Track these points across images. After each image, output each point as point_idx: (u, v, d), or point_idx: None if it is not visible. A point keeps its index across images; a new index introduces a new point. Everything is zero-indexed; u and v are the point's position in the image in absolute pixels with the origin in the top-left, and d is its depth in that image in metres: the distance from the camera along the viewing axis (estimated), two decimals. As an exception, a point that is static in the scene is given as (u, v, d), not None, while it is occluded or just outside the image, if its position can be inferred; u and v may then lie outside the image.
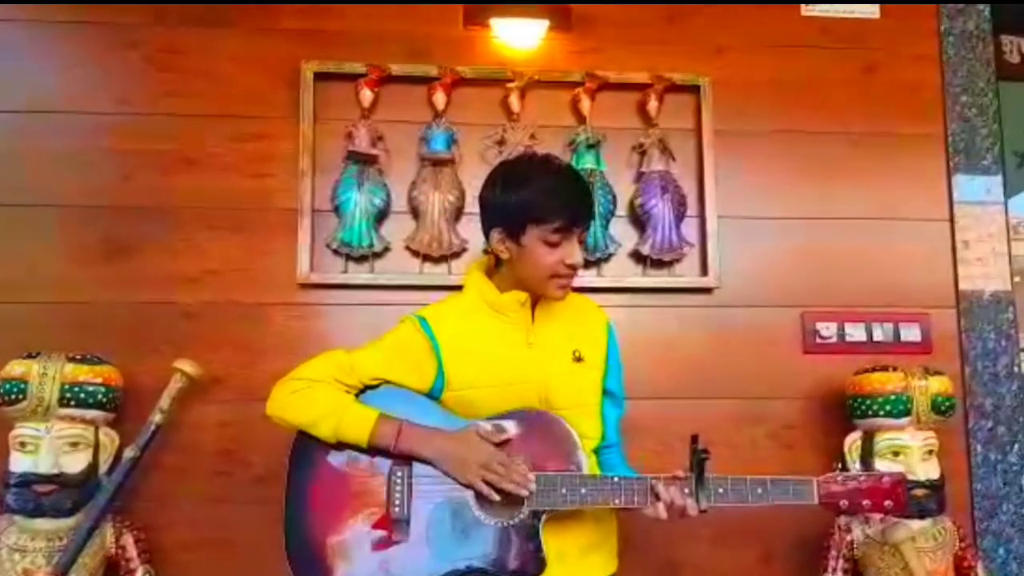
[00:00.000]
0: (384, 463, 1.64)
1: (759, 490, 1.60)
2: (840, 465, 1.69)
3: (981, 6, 2.65)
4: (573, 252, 1.66)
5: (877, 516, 2.10)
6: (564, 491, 1.58)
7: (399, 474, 1.63)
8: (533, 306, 1.75)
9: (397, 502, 1.61)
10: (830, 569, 2.19)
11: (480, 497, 1.60)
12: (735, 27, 2.57)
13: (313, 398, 1.65)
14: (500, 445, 1.62)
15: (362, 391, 1.71)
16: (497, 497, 1.58)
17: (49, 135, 2.34)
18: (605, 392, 1.81)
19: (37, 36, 2.39)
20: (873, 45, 2.61)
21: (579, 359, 1.74)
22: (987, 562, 2.39)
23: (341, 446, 1.64)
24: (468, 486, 1.60)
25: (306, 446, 1.67)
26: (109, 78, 2.38)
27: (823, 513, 1.66)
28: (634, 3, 2.55)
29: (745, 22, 2.58)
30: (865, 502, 1.61)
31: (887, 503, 1.60)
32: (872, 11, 2.62)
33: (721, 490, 1.59)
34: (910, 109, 2.59)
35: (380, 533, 1.60)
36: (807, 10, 2.61)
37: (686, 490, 1.58)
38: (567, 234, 1.64)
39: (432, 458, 1.62)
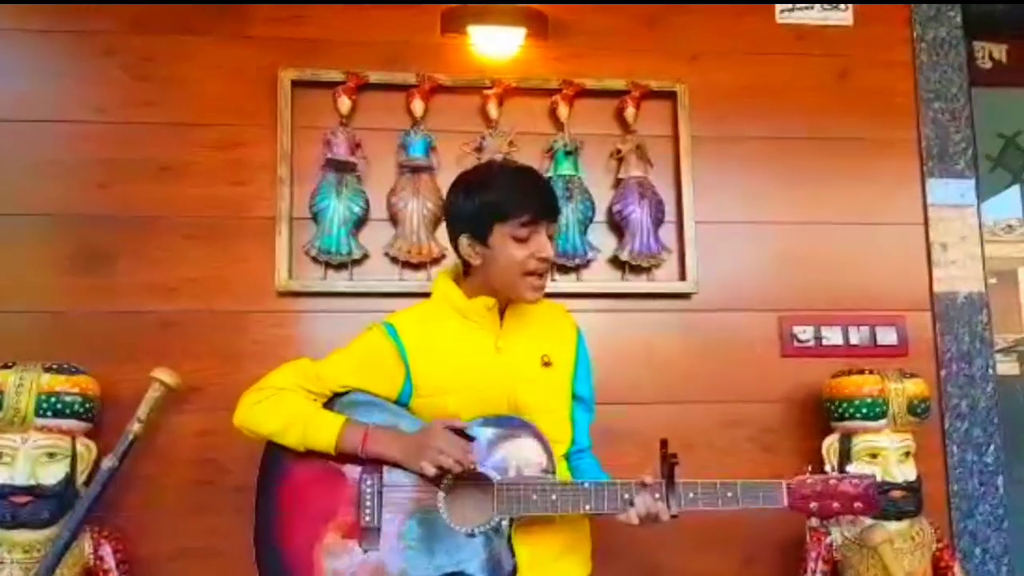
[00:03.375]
0: (354, 471, 1.64)
1: (729, 494, 1.61)
2: (810, 469, 1.70)
3: (953, 13, 2.68)
4: (543, 245, 1.66)
5: (848, 518, 2.11)
6: (535, 497, 1.59)
7: (369, 482, 1.63)
8: (502, 312, 1.75)
9: (368, 511, 1.61)
10: (809, 571, 2.19)
11: (450, 504, 1.60)
12: (711, 34, 2.59)
13: (279, 406, 1.65)
14: (466, 437, 1.60)
15: (330, 399, 1.71)
16: (432, 472, 1.56)
17: (25, 143, 2.33)
18: (575, 397, 1.81)
19: (12, 44, 2.38)
20: (847, 51, 2.63)
21: (547, 364, 1.75)
22: (964, 562, 2.40)
23: (310, 456, 1.64)
24: (418, 473, 1.59)
25: (276, 457, 1.67)
26: (85, 86, 2.37)
27: (803, 517, 1.67)
28: (613, 3, 2.56)
29: (721, 29, 2.60)
30: (835, 504, 1.62)
31: (856, 504, 1.62)
32: (846, 18, 2.65)
33: (692, 495, 1.60)
34: (884, 114, 2.62)
35: (351, 542, 1.60)
36: (782, 17, 2.64)
37: (657, 495, 1.59)
38: (534, 228, 1.66)
39: (397, 458, 1.61)
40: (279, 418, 1.64)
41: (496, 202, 1.66)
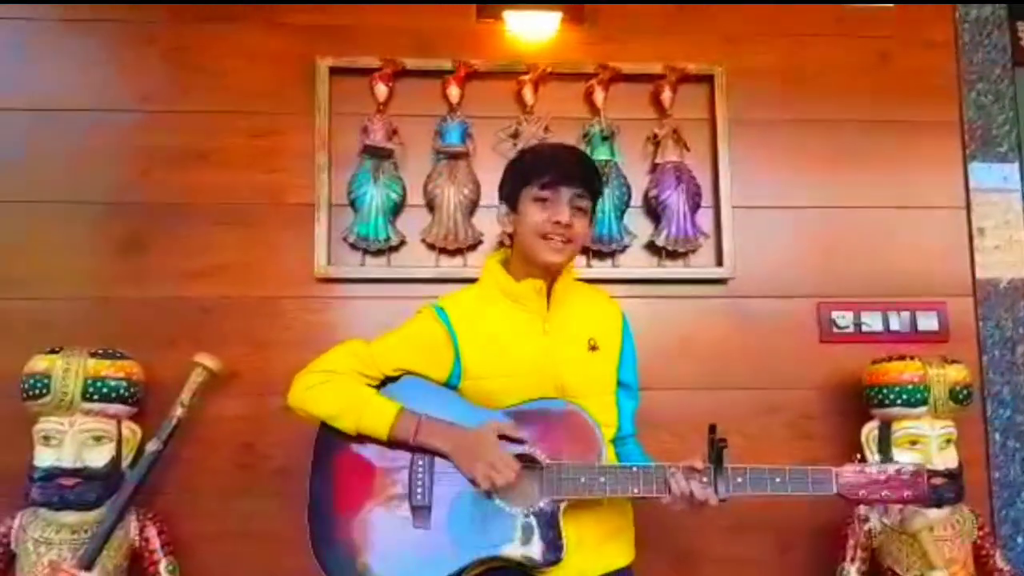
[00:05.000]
0: (407, 452, 1.66)
1: (778, 480, 1.60)
2: (859, 457, 1.69)
3: (997, -8, 2.63)
4: (561, 210, 1.69)
5: (896, 507, 2.10)
6: (584, 480, 1.60)
7: (421, 462, 1.65)
8: (548, 295, 1.76)
9: (419, 490, 1.63)
10: (848, 558, 2.19)
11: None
12: (749, 16, 2.56)
13: (335, 391, 1.67)
14: (517, 441, 1.63)
15: (383, 382, 1.72)
16: (486, 489, 1.59)
17: (68, 132, 2.36)
18: (620, 383, 1.81)
19: (56, 34, 2.41)
20: (888, 33, 2.58)
21: (594, 348, 1.76)
22: (1006, 550, 2.37)
23: (363, 437, 1.66)
24: (471, 480, 1.61)
25: (330, 436, 1.69)
26: (127, 75, 2.40)
27: (840, 502, 1.66)
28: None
29: (759, 11, 2.56)
30: (884, 493, 1.60)
31: (906, 494, 1.60)
32: (887, -1, 2.61)
33: (740, 480, 1.60)
34: (926, 96, 2.57)
35: (402, 521, 1.62)
36: (822, -2, 2.60)
37: (705, 480, 1.59)
38: (554, 192, 1.69)
39: (448, 453, 1.64)
40: (333, 403, 1.66)
41: (523, 165, 1.76)
